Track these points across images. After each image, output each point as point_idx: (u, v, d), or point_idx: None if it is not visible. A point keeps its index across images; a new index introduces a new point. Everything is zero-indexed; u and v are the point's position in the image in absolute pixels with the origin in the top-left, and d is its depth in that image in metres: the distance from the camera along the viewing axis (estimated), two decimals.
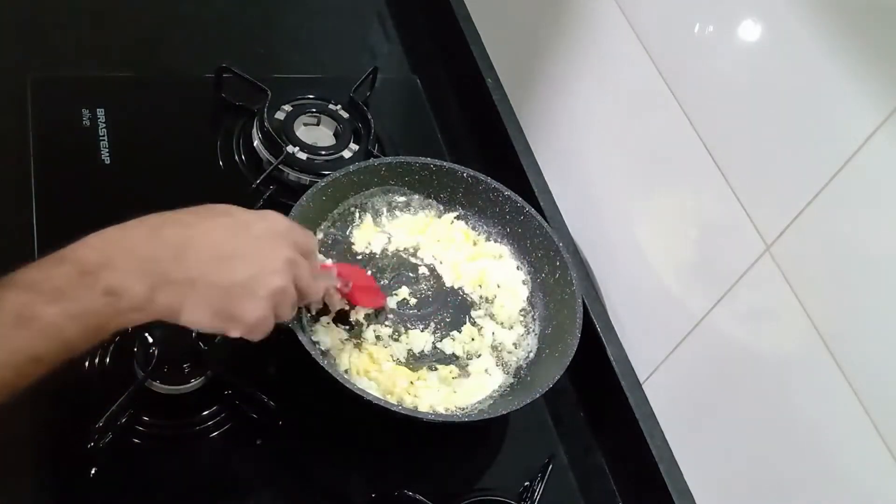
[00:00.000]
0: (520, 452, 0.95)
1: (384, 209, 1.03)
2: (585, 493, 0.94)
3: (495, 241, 1.04)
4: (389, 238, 1.02)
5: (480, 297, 1.00)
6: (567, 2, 1.05)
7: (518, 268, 1.02)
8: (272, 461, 0.87)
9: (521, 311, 1.00)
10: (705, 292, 0.85)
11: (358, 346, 0.93)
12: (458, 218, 1.04)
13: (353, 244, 1.00)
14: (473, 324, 0.98)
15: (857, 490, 0.72)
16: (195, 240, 0.66)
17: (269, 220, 0.72)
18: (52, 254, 0.62)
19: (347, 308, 0.93)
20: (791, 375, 0.77)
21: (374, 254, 1.00)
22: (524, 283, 1.02)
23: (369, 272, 0.98)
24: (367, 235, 1.01)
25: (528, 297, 1.01)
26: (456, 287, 1.01)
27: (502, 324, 0.99)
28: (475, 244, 1.04)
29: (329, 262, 0.97)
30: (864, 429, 0.69)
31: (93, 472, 0.81)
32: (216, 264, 0.66)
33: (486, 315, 0.99)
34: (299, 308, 0.90)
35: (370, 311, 0.95)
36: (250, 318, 0.68)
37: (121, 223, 0.66)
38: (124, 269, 0.62)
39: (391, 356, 0.93)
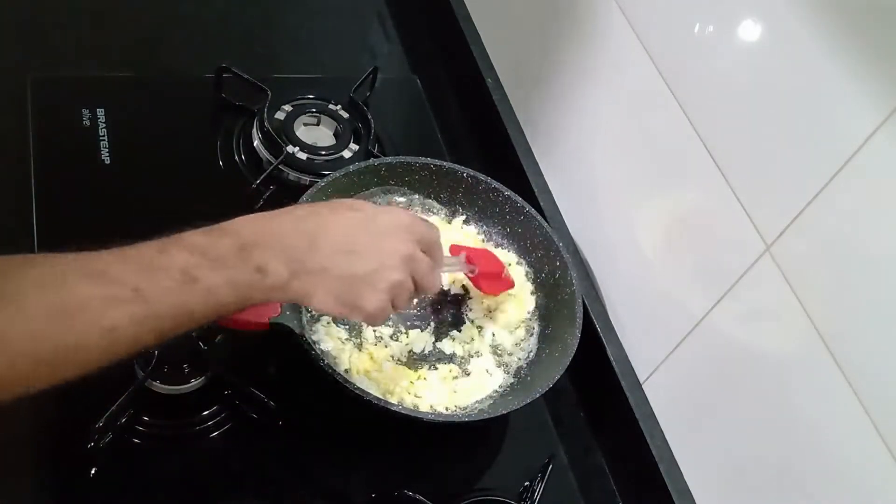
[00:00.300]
0: (520, 452, 0.95)
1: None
2: (585, 493, 0.94)
3: (504, 249, 1.04)
4: None
5: (482, 303, 1.00)
6: (567, 2, 1.05)
7: (526, 275, 1.02)
8: (272, 461, 0.87)
9: (515, 328, 1.00)
10: (705, 292, 0.85)
11: (358, 346, 0.93)
12: (465, 223, 1.04)
13: None
14: (473, 323, 0.98)
15: (857, 490, 0.72)
16: (328, 232, 0.72)
17: (393, 215, 0.77)
18: (212, 225, 0.68)
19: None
20: (791, 375, 0.77)
21: None
22: (532, 294, 1.02)
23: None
24: None
25: (533, 308, 1.01)
26: (455, 291, 1.01)
27: (504, 327, 0.99)
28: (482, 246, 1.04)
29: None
30: (864, 429, 0.69)
31: (93, 472, 0.81)
32: (343, 257, 0.72)
33: (486, 317, 0.99)
34: (299, 308, 0.90)
35: None
36: (370, 307, 0.73)
37: (266, 212, 0.72)
38: (273, 251, 0.68)
39: (391, 356, 0.93)
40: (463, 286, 1.01)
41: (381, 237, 0.75)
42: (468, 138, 1.21)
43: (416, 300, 0.97)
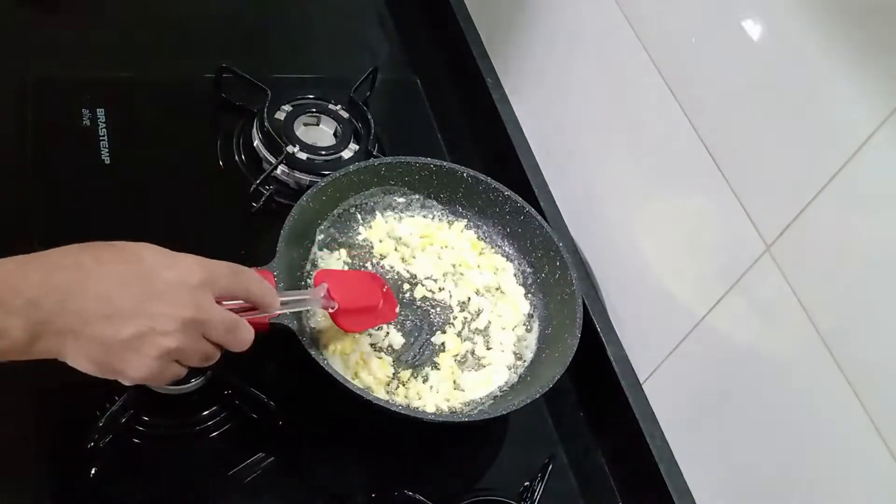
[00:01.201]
0: (520, 452, 0.95)
1: (391, 211, 1.03)
2: (585, 493, 0.94)
3: (502, 255, 1.04)
4: (397, 242, 1.02)
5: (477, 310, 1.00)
6: (567, 2, 1.05)
7: (517, 278, 1.02)
8: (272, 461, 0.87)
9: (514, 327, 1.00)
10: (705, 292, 0.85)
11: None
12: (466, 227, 1.05)
13: (369, 245, 1.01)
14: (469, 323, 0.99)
15: (857, 490, 0.72)
16: (85, 289, 0.63)
17: (181, 271, 0.67)
18: None
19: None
20: (791, 375, 0.77)
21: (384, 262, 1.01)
22: (526, 298, 1.02)
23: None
24: (378, 235, 1.01)
25: (528, 311, 1.01)
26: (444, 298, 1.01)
27: (500, 328, 0.99)
28: (481, 253, 1.04)
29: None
30: (864, 429, 0.69)
31: (93, 472, 0.81)
32: (101, 319, 0.63)
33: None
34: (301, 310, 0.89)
35: None
36: (136, 374, 0.66)
37: (27, 256, 0.64)
38: (9, 310, 0.60)
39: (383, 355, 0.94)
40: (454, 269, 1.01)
41: (153, 298, 0.65)
42: (468, 138, 1.21)
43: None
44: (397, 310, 0.93)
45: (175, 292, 0.66)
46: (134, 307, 0.64)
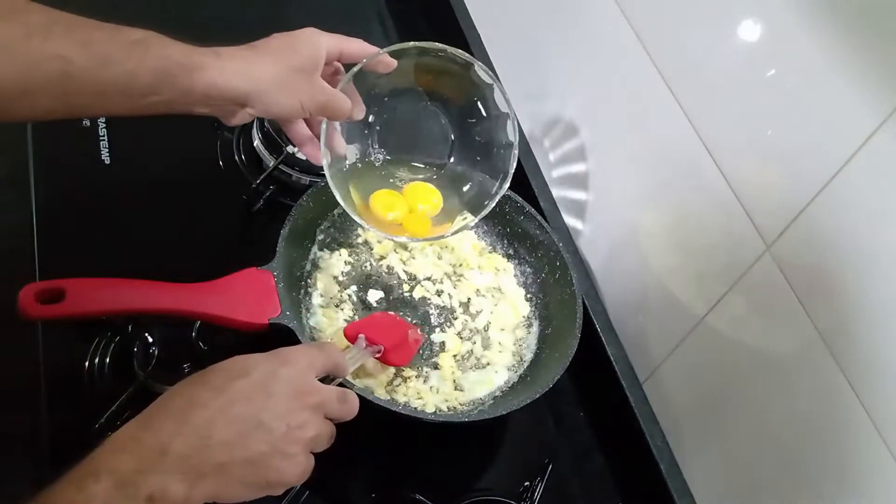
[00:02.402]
0: (520, 452, 0.95)
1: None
2: (585, 493, 0.94)
3: (502, 255, 1.04)
4: (396, 243, 1.02)
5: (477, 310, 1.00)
6: (567, 1, 1.05)
7: (517, 281, 1.02)
8: None
9: (514, 327, 1.00)
10: (705, 292, 0.85)
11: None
12: (468, 228, 1.05)
13: (369, 245, 1.01)
14: (469, 323, 0.99)
15: (857, 490, 0.72)
16: (217, 421, 0.64)
17: (290, 366, 0.69)
18: (83, 463, 0.60)
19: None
20: (791, 375, 0.77)
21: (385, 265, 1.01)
22: (526, 300, 1.02)
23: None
24: (377, 235, 1.01)
25: (528, 313, 1.01)
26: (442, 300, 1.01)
27: (499, 329, 0.99)
28: (481, 254, 1.04)
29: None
30: (864, 429, 0.69)
31: None
32: (243, 441, 0.64)
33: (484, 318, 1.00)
34: (299, 308, 0.89)
35: None
36: (291, 478, 0.67)
37: (143, 413, 0.65)
38: (161, 472, 0.61)
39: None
40: (451, 275, 1.01)
41: (279, 398, 0.67)
42: None
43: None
44: (418, 334, 0.93)
45: (294, 387, 0.68)
46: (266, 416, 0.66)
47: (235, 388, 0.66)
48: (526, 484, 0.91)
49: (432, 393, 0.91)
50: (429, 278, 1.01)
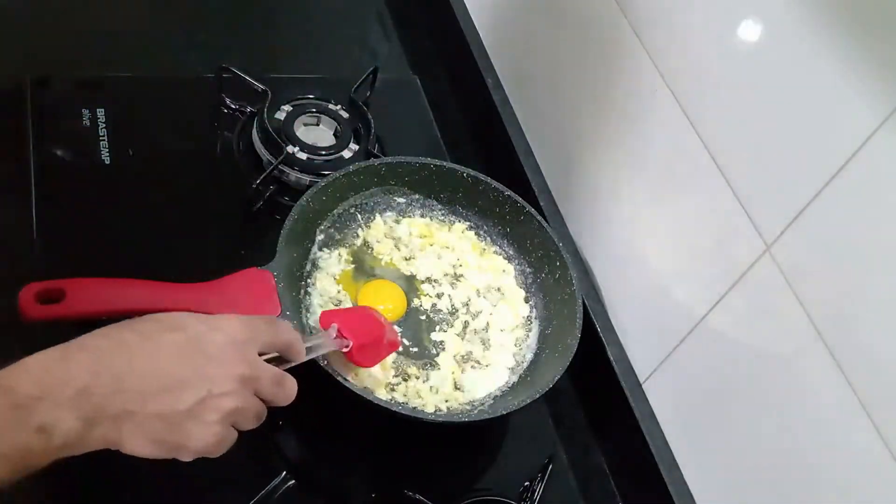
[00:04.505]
0: (520, 452, 0.95)
1: (391, 212, 1.03)
2: (585, 493, 0.94)
3: (502, 255, 1.04)
4: (396, 242, 1.02)
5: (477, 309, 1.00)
6: (568, 3, 1.05)
7: (517, 281, 1.02)
8: (272, 461, 0.87)
9: (514, 328, 1.00)
10: (705, 292, 0.85)
11: None
12: (468, 229, 1.05)
13: (369, 245, 1.01)
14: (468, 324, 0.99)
15: (857, 490, 0.71)
16: (136, 366, 0.61)
17: (225, 331, 0.66)
18: None
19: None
20: (791, 375, 0.77)
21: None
22: (526, 301, 1.01)
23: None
24: (377, 235, 1.01)
25: (527, 314, 1.01)
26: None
27: (502, 329, 0.99)
28: (482, 254, 1.04)
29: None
30: (864, 428, 0.69)
31: (93, 472, 0.81)
32: (157, 393, 0.61)
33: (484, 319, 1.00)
34: (299, 308, 0.89)
35: None
36: (199, 445, 0.64)
37: (66, 343, 0.61)
38: (59, 402, 0.58)
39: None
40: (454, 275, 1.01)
41: (207, 361, 0.64)
42: (468, 138, 1.21)
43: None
44: (397, 338, 0.91)
45: (226, 353, 0.65)
46: (189, 375, 0.63)
47: (165, 340, 0.63)
48: (526, 484, 0.91)
49: (432, 393, 0.91)
50: (429, 278, 1.01)
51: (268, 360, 0.71)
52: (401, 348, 0.94)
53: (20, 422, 0.56)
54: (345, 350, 0.83)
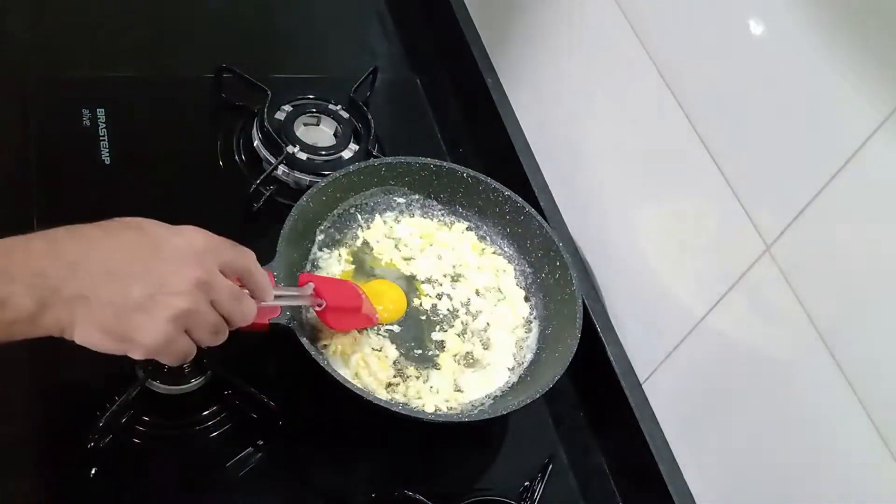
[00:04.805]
0: (520, 452, 0.95)
1: (391, 212, 1.03)
2: (585, 493, 0.94)
3: (502, 255, 1.04)
4: (396, 242, 1.02)
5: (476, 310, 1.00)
6: (567, 1, 1.05)
7: (517, 282, 1.02)
8: (272, 461, 0.87)
9: (514, 328, 1.00)
10: (705, 292, 0.85)
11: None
12: (468, 229, 1.05)
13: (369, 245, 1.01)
14: (468, 325, 0.99)
15: (858, 490, 0.71)
16: (92, 255, 0.63)
17: (186, 237, 0.68)
18: None
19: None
20: (791, 375, 0.77)
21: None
22: (526, 301, 1.01)
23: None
24: (376, 235, 1.01)
25: (527, 314, 1.01)
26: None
27: (502, 329, 0.99)
28: (481, 254, 1.04)
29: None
30: (865, 429, 0.69)
31: (93, 472, 0.81)
32: (110, 281, 0.62)
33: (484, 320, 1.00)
34: (299, 308, 0.89)
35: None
36: (147, 340, 0.64)
37: (28, 234, 0.64)
38: (14, 279, 0.60)
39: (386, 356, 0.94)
40: (452, 278, 1.01)
41: (163, 260, 0.65)
42: (468, 138, 1.21)
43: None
44: (377, 316, 0.92)
45: (183, 255, 0.66)
46: (143, 269, 0.64)
47: (123, 237, 0.65)
48: (526, 484, 0.91)
49: (432, 393, 0.91)
50: (429, 279, 1.01)
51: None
52: (401, 349, 0.94)
53: None
54: (317, 309, 0.86)
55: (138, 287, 0.63)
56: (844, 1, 0.69)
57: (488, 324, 0.99)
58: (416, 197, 1.04)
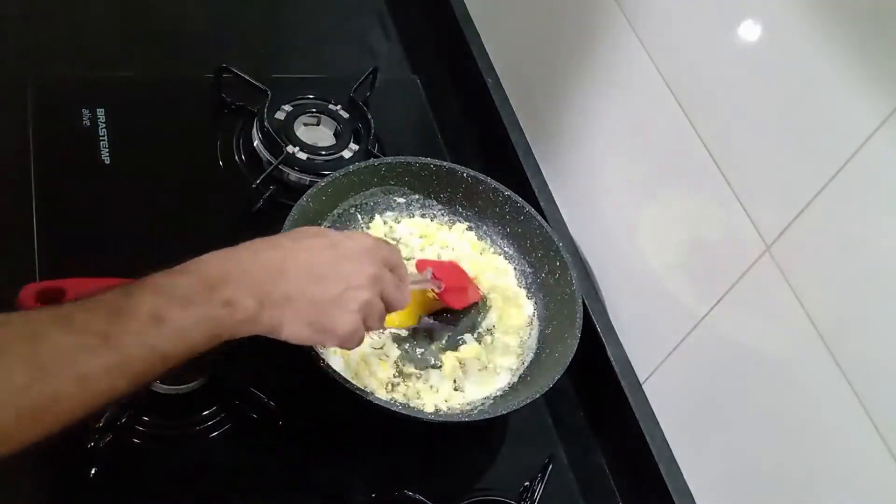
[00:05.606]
0: (520, 452, 0.95)
1: (391, 212, 1.03)
2: (585, 493, 0.94)
3: (502, 255, 1.04)
4: (396, 242, 1.02)
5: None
6: (568, 1, 1.05)
7: (519, 282, 1.02)
8: (272, 461, 0.87)
9: (514, 328, 1.00)
10: (705, 292, 0.85)
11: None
12: (468, 229, 1.05)
13: None
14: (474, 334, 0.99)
15: (857, 490, 0.72)
16: (289, 262, 0.73)
17: (356, 240, 0.78)
18: (175, 266, 0.68)
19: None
20: (791, 375, 0.77)
21: None
22: (528, 299, 1.01)
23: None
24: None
25: (531, 313, 1.01)
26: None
27: (503, 333, 0.99)
28: (482, 254, 1.04)
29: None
30: (864, 429, 0.69)
31: (93, 472, 0.81)
32: (310, 283, 0.73)
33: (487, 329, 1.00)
34: None
35: None
36: (342, 329, 0.73)
37: (221, 250, 0.72)
38: (239, 284, 0.69)
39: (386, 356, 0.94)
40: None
41: (345, 260, 0.75)
42: (468, 138, 1.21)
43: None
44: (481, 291, 1.00)
45: (358, 254, 0.76)
46: (334, 268, 0.74)
47: (308, 243, 0.75)
48: (526, 484, 0.91)
49: (432, 393, 0.92)
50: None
51: None
52: (402, 349, 0.94)
53: (211, 296, 0.67)
54: (438, 291, 0.94)
55: (332, 286, 0.73)
56: (845, 2, 0.69)
57: (494, 325, 0.99)
58: (416, 197, 1.04)
